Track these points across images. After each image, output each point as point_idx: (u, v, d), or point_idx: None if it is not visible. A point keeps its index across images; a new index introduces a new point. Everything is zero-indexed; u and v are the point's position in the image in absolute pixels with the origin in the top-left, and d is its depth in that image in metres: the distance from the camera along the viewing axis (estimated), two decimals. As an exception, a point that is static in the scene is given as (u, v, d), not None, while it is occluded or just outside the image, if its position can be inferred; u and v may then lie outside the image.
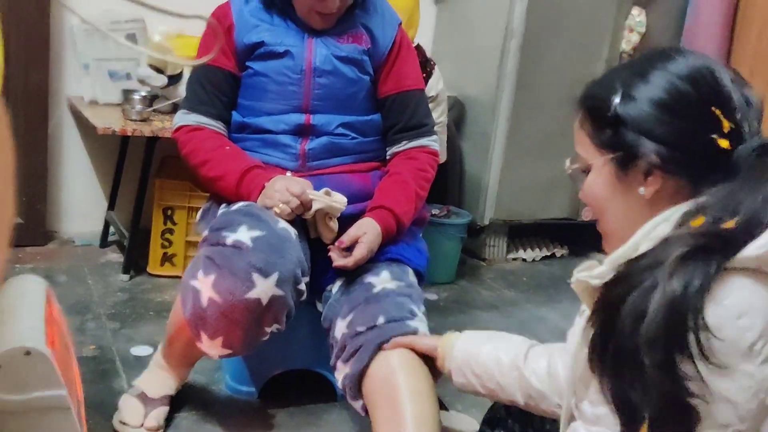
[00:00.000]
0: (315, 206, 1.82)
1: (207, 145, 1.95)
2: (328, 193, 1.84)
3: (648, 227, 1.05)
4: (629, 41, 3.54)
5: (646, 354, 0.92)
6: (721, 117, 1.00)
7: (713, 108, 1.00)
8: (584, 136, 1.11)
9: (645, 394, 0.93)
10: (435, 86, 3.00)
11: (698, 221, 0.98)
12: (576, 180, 1.15)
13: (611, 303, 1.00)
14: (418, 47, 2.99)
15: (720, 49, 3.54)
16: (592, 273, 1.07)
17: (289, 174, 1.93)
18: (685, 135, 1.01)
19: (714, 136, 1.00)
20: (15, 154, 0.39)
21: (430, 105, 2.94)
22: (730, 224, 0.96)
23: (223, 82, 1.99)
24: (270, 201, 1.81)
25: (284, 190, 1.79)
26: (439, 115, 3.04)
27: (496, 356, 1.46)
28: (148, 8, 0.70)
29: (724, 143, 0.99)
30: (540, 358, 1.42)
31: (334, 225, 1.87)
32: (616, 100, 1.06)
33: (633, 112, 1.04)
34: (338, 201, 1.84)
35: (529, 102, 3.43)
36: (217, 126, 2.00)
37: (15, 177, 0.40)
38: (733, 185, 0.98)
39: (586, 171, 1.12)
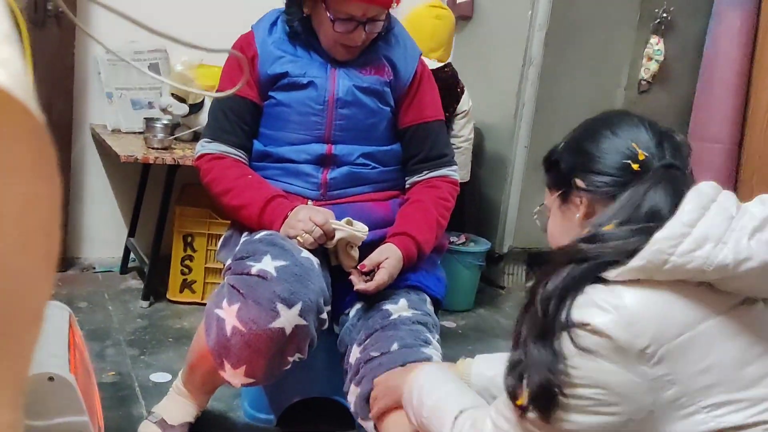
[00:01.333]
0: (338, 236, 1.83)
1: (229, 174, 1.97)
2: (350, 223, 1.85)
3: None
4: (648, 69, 3.54)
5: (529, 333, 1.13)
6: (638, 149, 1.21)
7: (632, 143, 1.22)
8: (546, 188, 1.38)
9: (527, 365, 1.12)
10: (466, 102, 3.07)
11: (586, 230, 1.19)
12: (541, 223, 1.42)
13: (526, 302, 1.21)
14: (450, 67, 3.02)
15: (739, 77, 3.53)
16: None
17: (309, 203, 1.94)
18: (605, 164, 1.23)
19: (629, 161, 1.21)
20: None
21: (462, 120, 3.05)
22: (609, 227, 1.15)
23: (246, 111, 2.01)
24: (293, 231, 1.82)
25: (307, 219, 1.81)
26: (469, 131, 3.11)
27: None
28: (179, 43, 0.71)
29: (635, 166, 1.20)
30: None
31: (355, 253, 1.88)
32: (559, 147, 1.35)
33: (566, 151, 1.32)
34: (360, 230, 1.85)
35: (547, 129, 3.43)
36: (238, 155, 2.01)
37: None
38: (625, 195, 1.17)
39: (548, 217, 1.38)
